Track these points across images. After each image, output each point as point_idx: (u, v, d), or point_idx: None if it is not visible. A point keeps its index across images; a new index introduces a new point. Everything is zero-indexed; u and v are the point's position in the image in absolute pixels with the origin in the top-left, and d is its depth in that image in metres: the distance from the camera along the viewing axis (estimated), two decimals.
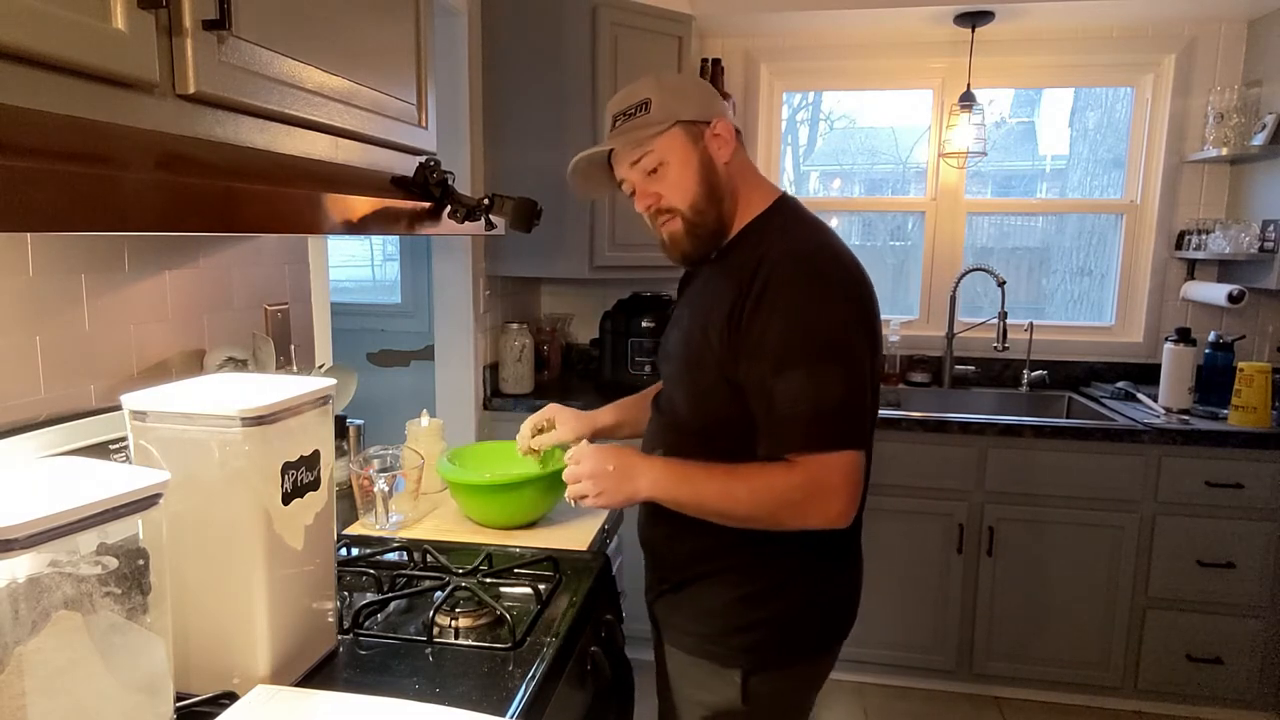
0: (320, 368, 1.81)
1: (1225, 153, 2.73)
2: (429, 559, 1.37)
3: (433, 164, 1.26)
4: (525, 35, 2.63)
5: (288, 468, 0.95)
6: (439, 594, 1.22)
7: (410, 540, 1.46)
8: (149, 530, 0.80)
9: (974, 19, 2.80)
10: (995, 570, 2.60)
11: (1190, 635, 2.52)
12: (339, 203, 0.96)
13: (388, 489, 1.50)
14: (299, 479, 0.97)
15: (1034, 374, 3.05)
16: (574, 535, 1.52)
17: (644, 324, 2.82)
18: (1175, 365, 2.64)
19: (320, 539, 1.03)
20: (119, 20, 0.70)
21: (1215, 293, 2.76)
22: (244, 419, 0.89)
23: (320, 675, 1.03)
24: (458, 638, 1.13)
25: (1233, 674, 2.51)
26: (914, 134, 3.28)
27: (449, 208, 1.25)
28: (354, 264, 3.80)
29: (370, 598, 1.23)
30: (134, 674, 0.81)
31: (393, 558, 1.41)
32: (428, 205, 1.22)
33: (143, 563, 0.80)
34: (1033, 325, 3.04)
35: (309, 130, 1.02)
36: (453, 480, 1.52)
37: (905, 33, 3.02)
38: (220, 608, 0.95)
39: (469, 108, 2.59)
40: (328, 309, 1.91)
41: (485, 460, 1.66)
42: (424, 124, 1.32)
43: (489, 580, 1.29)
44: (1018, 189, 3.35)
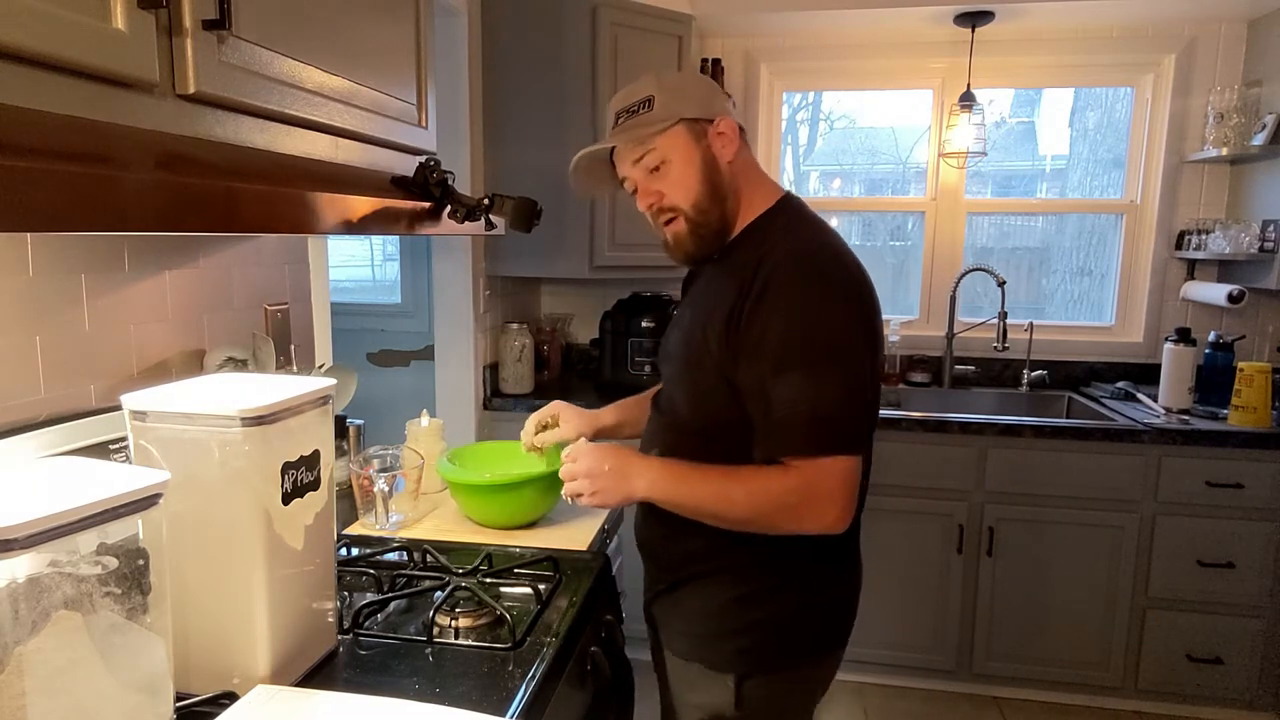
0: (320, 368, 1.81)
1: (1225, 153, 2.73)
2: (429, 559, 1.37)
3: (433, 164, 1.26)
4: (525, 35, 2.63)
5: (288, 468, 0.95)
6: (439, 594, 1.22)
7: (410, 540, 1.46)
8: (149, 530, 0.80)
9: (974, 19, 2.80)
10: (995, 570, 2.60)
11: (1190, 635, 2.52)
12: (339, 203, 0.96)
13: (388, 489, 1.50)
14: (299, 479, 0.97)
15: (1034, 374, 3.05)
16: (574, 535, 1.52)
17: (644, 324, 2.81)
18: (1175, 365, 2.64)
19: (320, 539, 1.03)
20: (119, 20, 0.70)
21: (1215, 293, 2.76)
22: (244, 419, 0.89)
23: (320, 675, 1.03)
24: (458, 638, 1.13)
25: (1233, 674, 2.51)
26: (914, 134, 3.28)
27: (449, 208, 1.25)
28: (354, 264, 3.80)
29: (370, 598, 1.23)
30: (134, 674, 0.81)
31: (393, 558, 1.41)
32: (428, 205, 1.22)
33: (143, 563, 0.80)
34: (1033, 325, 3.04)
35: (309, 130, 1.02)
36: (453, 480, 1.52)
37: (905, 33, 3.02)
38: (220, 608, 0.95)
39: (469, 108, 2.59)
40: (328, 309, 1.91)
41: (485, 460, 1.66)
42: (424, 124, 1.32)
43: (489, 580, 1.29)
44: (1018, 189, 3.35)
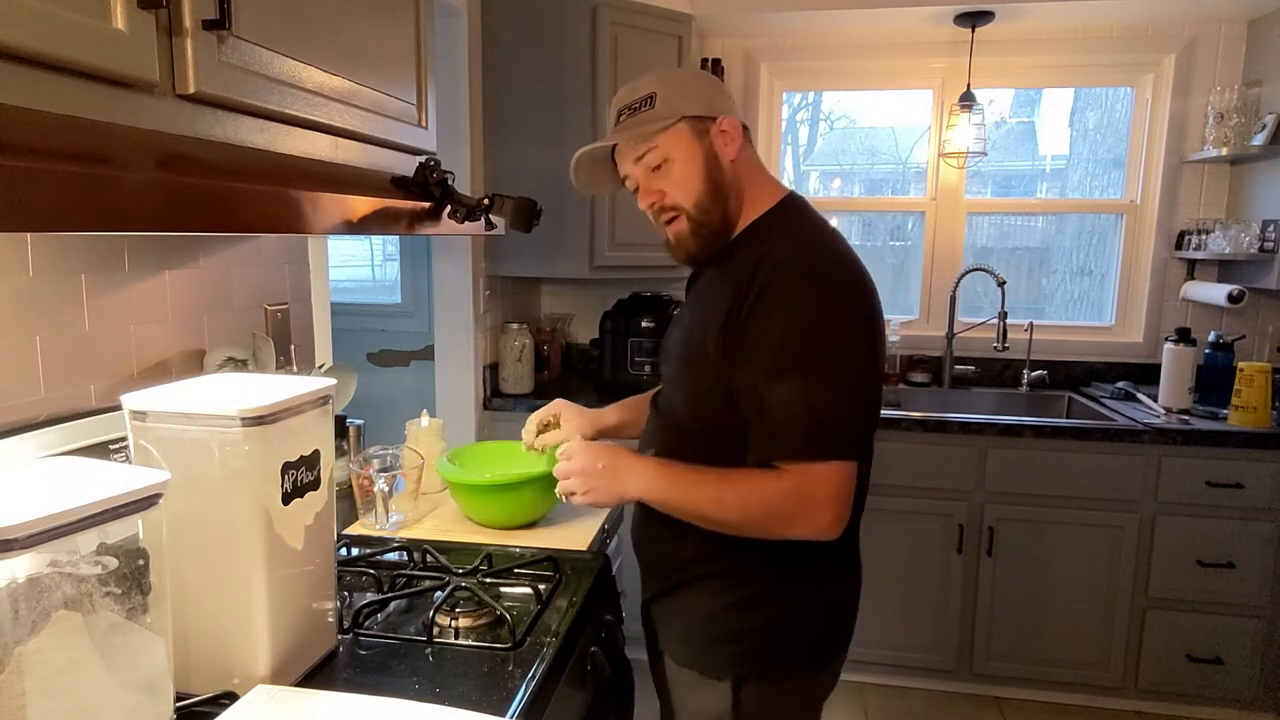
0: (320, 368, 1.81)
1: (1225, 153, 2.73)
2: (429, 559, 1.37)
3: (433, 164, 1.26)
4: (525, 35, 2.63)
5: (288, 468, 0.95)
6: (439, 594, 1.21)
7: (410, 540, 1.46)
8: (149, 530, 0.80)
9: (974, 19, 2.80)
10: (995, 570, 2.60)
11: (1190, 635, 2.52)
12: (339, 203, 0.96)
13: (388, 489, 1.50)
14: (299, 479, 0.97)
15: (1034, 374, 3.05)
16: (574, 535, 1.52)
17: (644, 324, 2.82)
18: (1175, 365, 2.64)
19: (320, 539, 1.03)
20: (119, 20, 0.70)
21: (1215, 293, 2.76)
22: (244, 419, 0.89)
23: (320, 675, 1.03)
24: (458, 638, 1.13)
25: (1233, 674, 2.51)
26: (914, 134, 3.28)
27: (449, 208, 1.25)
28: (354, 264, 3.80)
29: (370, 598, 1.23)
30: (134, 674, 0.81)
31: (393, 558, 1.41)
32: (428, 205, 1.22)
33: (143, 563, 0.80)
34: (1033, 325, 3.04)
35: (309, 130, 1.02)
36: (453, 480, 1.52)
37: (905, 33, 3.02)
38: (220, 608, 0.95)
39: (469, 108, 2.59)
40: (328, 309, 1.91)
41: (485, 460, 1.66)
42: (424, 124, 1.32)
43: (489, 580, 1.29)
44: (1018, 189, 3.35)
